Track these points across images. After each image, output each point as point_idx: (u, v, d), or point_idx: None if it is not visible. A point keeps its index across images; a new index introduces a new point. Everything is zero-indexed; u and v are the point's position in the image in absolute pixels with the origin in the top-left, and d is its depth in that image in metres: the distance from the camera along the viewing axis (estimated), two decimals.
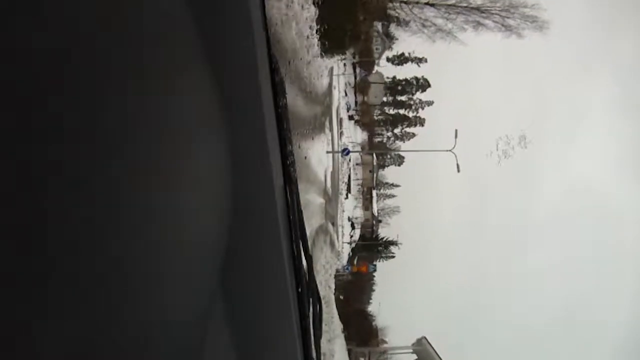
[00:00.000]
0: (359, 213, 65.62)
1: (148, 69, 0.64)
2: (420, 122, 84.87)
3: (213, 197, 0.93)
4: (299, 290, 1.53)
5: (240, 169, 1.15)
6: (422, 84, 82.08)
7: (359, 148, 66.41)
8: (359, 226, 63.66)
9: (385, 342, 56.89)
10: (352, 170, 59.36)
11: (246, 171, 1.21)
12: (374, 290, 71.01)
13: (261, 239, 1.33)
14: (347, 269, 35.84)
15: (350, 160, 54.75)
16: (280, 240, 1.35)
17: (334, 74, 37.81)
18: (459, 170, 31.33)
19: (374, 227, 71.71)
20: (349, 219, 56.57)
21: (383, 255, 68.89)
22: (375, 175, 71.42)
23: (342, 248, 50.80)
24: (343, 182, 49.72)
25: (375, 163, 70.52)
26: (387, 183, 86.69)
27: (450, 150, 30.10)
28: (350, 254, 59.35)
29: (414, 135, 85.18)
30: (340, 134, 48.73)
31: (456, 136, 29.67)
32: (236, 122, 1.14)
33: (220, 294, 1.28)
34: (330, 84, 33.21)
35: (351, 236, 59.11)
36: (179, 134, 0.74)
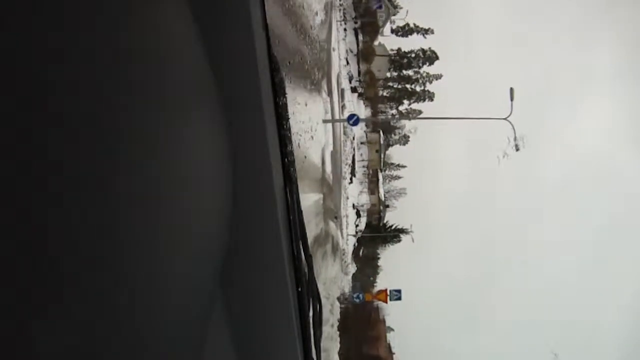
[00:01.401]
0: (364, 199, 58.13)
1: (148, 69, 0.64)
2: (430, 96, 77.15)
3: (213, 197, 0.94)
4: (299, 289, 1.53)
5: (240, 169, 1.17)
6: (430, 56, 74.81)
7: (363, 124, 58.99)
8: (365, 213, 56.26)
9: None
10: (356, 151, 51.74)
11: (246, 171, 1.23)
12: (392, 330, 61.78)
13: (261, 239, 1.35)
14: (359, 297, 25.13)
15: (354, 138, 47.22)
16: (280, 240, 1.36)
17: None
18: (517, 149, 24.03)
19: (382, 213, 64.40)
20: (354, 207, 49.33)
21: (390, 242, 61.87)
22: (382, 155, 63.78)
23: (347, 241, 43.99)
24: (346, 165, 42.41)
25: (382, 142, 62.87)
26: (392, 163, 79.27)
27: (506, 119, 21.95)
28: (356, 244, 52.71)
29: (420, 112, 77.93)
30: (342, 107, 41.33)
31: (512, 98, 21.40)
32: (236, 122, 1.14)
33: (220, 294, 1.29)
34: (329, 26, 25.69)
35: (356, 225, 51.95)
36: (179, 134, 0.74)
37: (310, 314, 1.61)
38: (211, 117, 0.93)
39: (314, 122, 18.44)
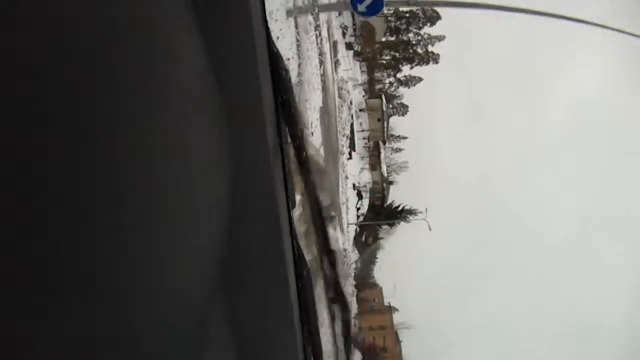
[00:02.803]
0: (366, 177, 49.38)
1: (148, 68, 0.64)
2: (434, 58, 67.97)
3: (213, 197, 0.94)
4: (299, 285, 1.53)
5: (241, 168, 1.15)
6: (431, 16, 65.53)
7: (361, 89, 50.25)
8: (367, 194, 47.74)
9: None
10: (354, 119, 42.93)
11: (246, 170, 1.22)
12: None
13: (261, 238, 1.36)
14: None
15: (351, 103, 38.50)
16: (281, 238, 1.36)
17: None
18: None
19: (385, 192, 55.89)
20: (354, 187, 40.88)
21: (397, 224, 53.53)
22: (386, 124, 54.90)
23: (348, 231, 35.81)
24: (344, 136, 33.86)
25: (385, 108, 54.02)
26: (392, 135, 70.34)
27: None
28: (357, 230, 44.64)
29: (420, 79, 69.05)
30: (336, 62, 32.40)
31: None
32: (236, 121, 1.13)
33: (220, 294, 1.29)
34: None
35: (358, 209, 43.59)
36: (179, 133, 0.74)
37: (310, 311, 1.60)
38: (211, 116, 0.93)
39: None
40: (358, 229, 46.43)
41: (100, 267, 0.50)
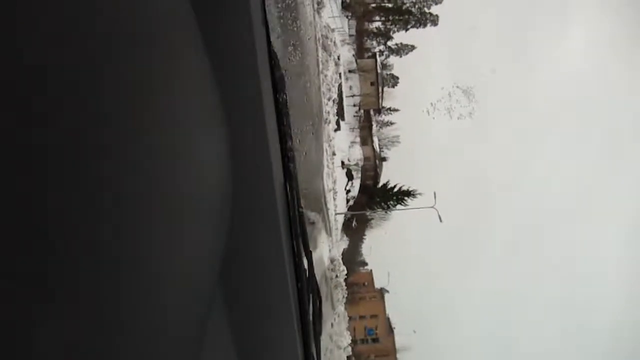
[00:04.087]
0: (357, 153, 41.25)
1: (149, 68, 0.65)
2: (433, 20, 59.87)
3: (213, 196, 0.95)
4: (299, 286, 1.54)
5: (241, 167, 1.16)
6: None
7: (350, 48, 42.24)
8: (359, 173, 39.93)
9: None
10: (343, 81, 34.78)
11: (246, 169, 1.23)
12: None
13: (261, 237, 1.36)
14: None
15: (338, 58, 30.34)
16: (280, 237, 1.37)
17: None
18: None
19: (378, 170, 48.26)
20: (343, 166, 33.26)
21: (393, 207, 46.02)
22: (381, 89, 46.42)
23: (335, 224, 28.51)
24: (330, 100, 26.07)
25: (380, 70, 45.73)
26: (383, 107, 62.37)
27: None
28: (347, 216, 37.35)
29: (413, 48, 61.27)
30: (319, 3, 24.45)
31: None
32: (236, 120, 1.14)
33: (220, 294, 1.29)
34: None
35: (347, 191, 36.07)
36: (179, 133, 0.75)
37: (310, 309, 1.60)
38: (211, 115, 0.94)
39: None
40: (348, 215, 39.17)
41: (100, 266, 0.51)
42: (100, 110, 0.50)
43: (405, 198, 45.37)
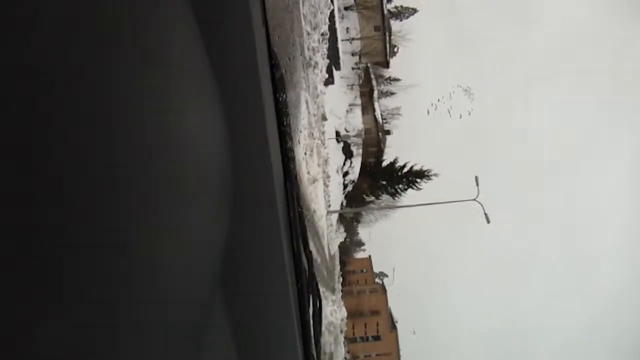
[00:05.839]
0: (357, 121, 30.54)
1: (149, 68, 0.65)
2: None
3: (213, 196, 0.95)
4: (299, 285, 1.54)
5: (241, 167, 1.17)
6: None
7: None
8: (359, 148, 29.71)
9: None
10: (337, 19, 24.05)
11: (247, 169, 1.23)
12: None
13: (261, 237, 1.36)
14: None
15: None
16: (280, 237, 1.37)
17: None
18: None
19: (382, 145, 38.13)
20: (339, 138, 23.32)
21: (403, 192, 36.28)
22: (388, 35, 34.86)
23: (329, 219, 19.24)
24: (317, 33, 15.98)
25: (386, 10, 34.71)
26: (382, 76, 51.88)
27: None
28: (344, 203, 27.86)
29: (415, 10, 50.46)
30: None
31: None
32: (236, 120, 1.15)
33: (220, 293, 1.29)
34: None
35: (345, 174, 26.31)
36: (179, 132, 0.75)
37: (310, 310, 1.60)
38: (212, 116, 0.93)
39: None
40: (345, 203, 29.58)
41: (100, 266, 0.50)
42: (99, 110, 0.50)
43: (418, 180, 35.62)
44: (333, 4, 17.74)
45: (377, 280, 49.20)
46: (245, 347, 1.38)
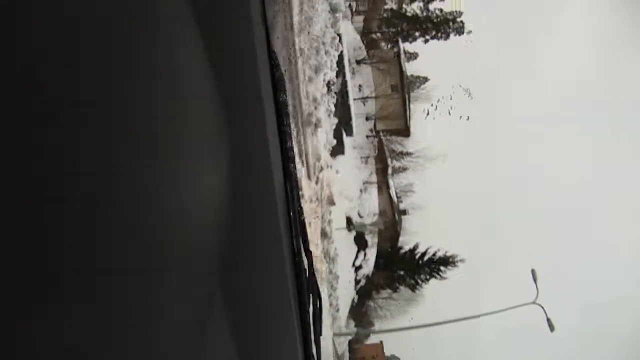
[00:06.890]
0: (373, 203, 23.76)
1: (150, 68, 0.65)
2: (458, 29, 45.69)
3: (213, 197, 0.96)
4: (299, 285, 1.56)
5: (241, 167, 1.20)
6: None
7: (356, 23, 27.13)
8: (374, 236, 23.91)
9: None
10: (349, 75, 18.57)
11: (246, 169, 1.24)
12: None
13: (261, 237, 1.36)
14: None
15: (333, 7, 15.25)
16: (280, 237, 1.37)
17: None
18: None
19: (398, 227, 32.33)
20: (350, 225, 17.75)
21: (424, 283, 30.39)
22: (407, 97, 28.24)
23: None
24: (321, 79, 10.92)
25: (405, 66, 28.57)
26: (393, 151, 46.76)
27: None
28: (356, 299, 21.96)
29: (416, 55, 46.43)
30: None
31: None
32: (236, 120, 1.17)
33: (220, 293, 1.29)
34: None
35: (358, 268, 20.77)
36: (179, 133, 0.75)
37: (310, 310, 1.61)
38: (211, 116, 0.95)
39: None
40: (357, 299, 23.79)
41: (99, 264, 0.50)
42: (99, 110, 0.50)
43: (442, 268, 29.84)
44: (342, 45, 13.16)
45: None
46: (245, 347, 1.37)
